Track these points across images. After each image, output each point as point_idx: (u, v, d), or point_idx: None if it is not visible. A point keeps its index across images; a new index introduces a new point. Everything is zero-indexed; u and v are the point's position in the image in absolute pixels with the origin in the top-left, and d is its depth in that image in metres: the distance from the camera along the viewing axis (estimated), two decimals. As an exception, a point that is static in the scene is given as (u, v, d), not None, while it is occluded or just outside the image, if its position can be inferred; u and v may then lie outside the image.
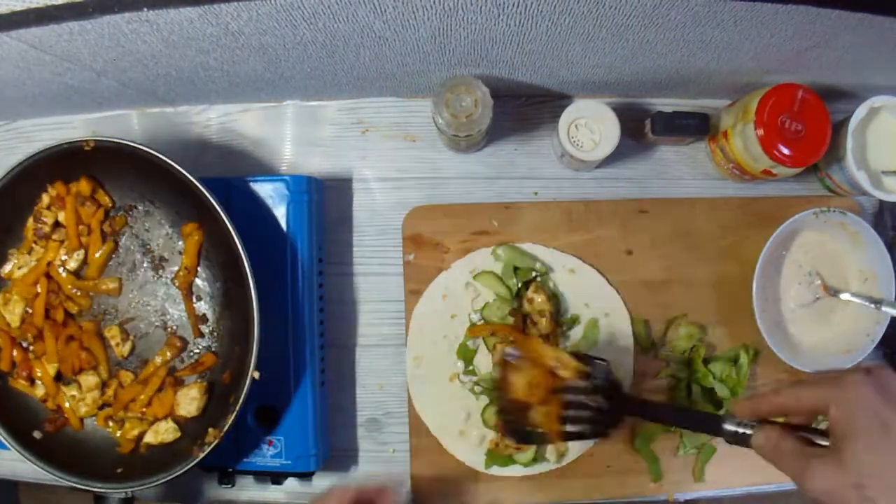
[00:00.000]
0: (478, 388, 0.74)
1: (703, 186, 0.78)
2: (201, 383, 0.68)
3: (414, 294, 0.75)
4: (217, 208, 0.62)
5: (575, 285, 0.75)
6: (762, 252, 0.69)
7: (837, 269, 0.75)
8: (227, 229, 0.62)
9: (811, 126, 0.67)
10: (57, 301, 0.69)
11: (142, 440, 0.67)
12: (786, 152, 0.66)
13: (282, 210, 0.70)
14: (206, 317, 0.69)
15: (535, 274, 0.74)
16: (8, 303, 0.68)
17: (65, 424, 0.69)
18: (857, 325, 0.73)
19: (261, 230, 0.69)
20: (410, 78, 0.71)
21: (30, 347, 0.68)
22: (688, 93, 0.77)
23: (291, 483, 0.74)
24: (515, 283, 0.73)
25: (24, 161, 0.65)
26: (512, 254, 0.74)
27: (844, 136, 0.70)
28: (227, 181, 0.70)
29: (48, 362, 0.68)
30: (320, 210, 0.75)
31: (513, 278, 0.73)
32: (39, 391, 0.68)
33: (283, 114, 0.79)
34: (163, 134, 0.79)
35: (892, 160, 0.72)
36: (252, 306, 0.62)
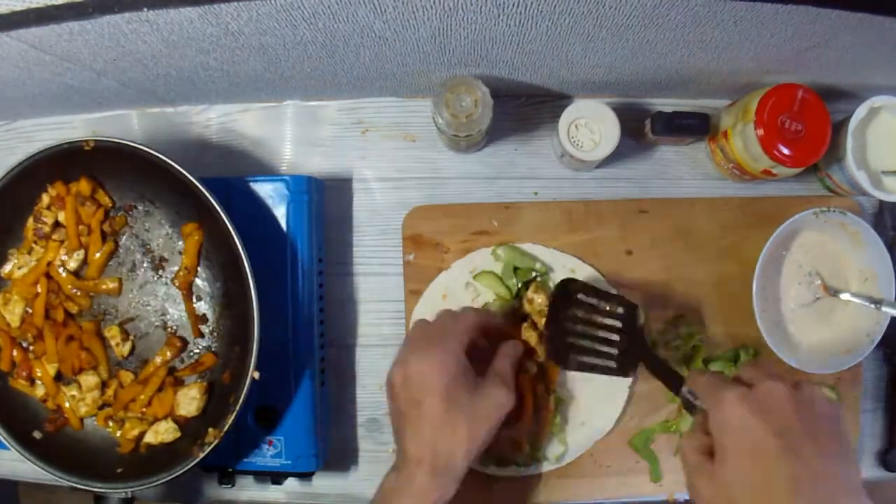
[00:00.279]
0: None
1: (703, 186, 0.78)
2: (201, 383, 0.68)
3: (414, 294, 0.75)
4: (217, 208, 0.62)
5: (575, 285, 0.75)
6: (762, 252, 0.69)
7: (837, 269, 0.75)
8: (227, 229, 0.62)
9: (811, 126, 0.67)
10: (57, 301, 0.69)
11: (142, 440, 0.67)
12: (786, 152, 0.66)
13: (282, 210, 0.70)
14: (206, 317, 0.69)
15: (535, 274, 0.74)
16: (8, 303, 0.68)
17: (65, 424, 0.69)
18: (857, 325, 0.73)
19: (261, 230, 0.69)
20: (410, 78, 0.71)
21: (30, 347, 0.68)
22: (688, 93, 0.77)
23: (291, 483, 0.74)
24: (515, 283, 0.73)
25: (24, 161, 0.65)
26: (512, 254, 0.74)
27: (844, 136, 0.70)
28: (227, 181, 0.70)
29: (48, 362, 0.68)
30: (320, 210, 0.75)
31: (513, 278, 0.73)
32: (39, 391, 0.68)
33: (283, 114, 0.79)
34: (163, 134, 0.79)
35: (892, 160, 0.72)
36: (252, 306, 0.62)
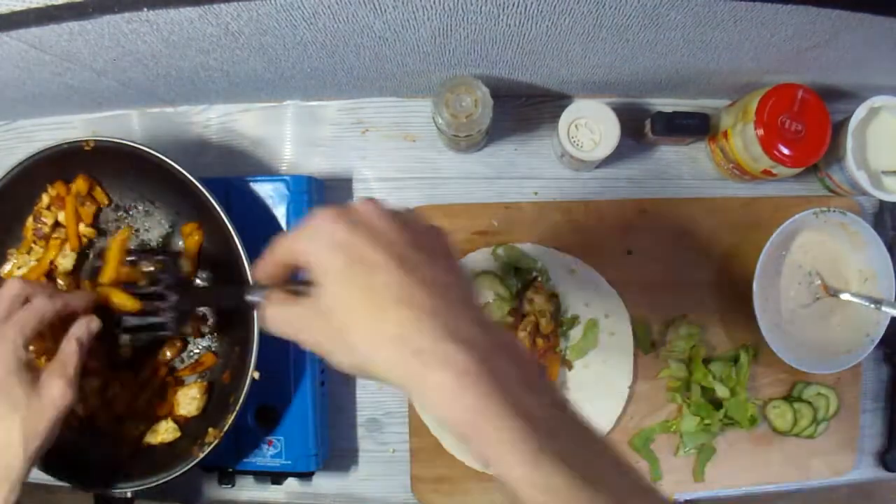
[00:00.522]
0: None
1: (703, 186, 0.78)
2: (201, 383, 0.68)
3: (414, 294, 0.75)
4: (217, 208, 0.62)
5: (575, 285, 0.74)
6: (762, 252, 0.69)
7: (837, 269, 0.75)
8: (227, 229, 0.62)
9: (811, 126, 0.67)
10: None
11: (142, 440, 0.67)
12: (786, 152, 0.66)
13: (282, 210, 0.70)
14: (206, 317, 0.69)
15: (535, 274, 0.74)
16: (8, 303, 0.68)
17: (65, 425, 0.68)
18: (857, 325, 0.73)
19: (261, 230, 0.69)
20: (410, 78, 0.71)
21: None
22: (688, 93, 0.77)
23: (291, 483, 0.74)
24: (515, 284, 0.73)
25: (24, 161, 0.64)
26: (512, 254, 0.74)
27: (844, 136, 0.70)
28: (227, 181, 0.70)
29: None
30: (320, 210, 0.75)
31: (513, 278, 0.73)
32: (39, 391, 0.68)
33: (283, 114, 0.78)
34: (163, 134, 0.79)
35: (892, 160, 0.72)
36: (252, 306, 0.62)
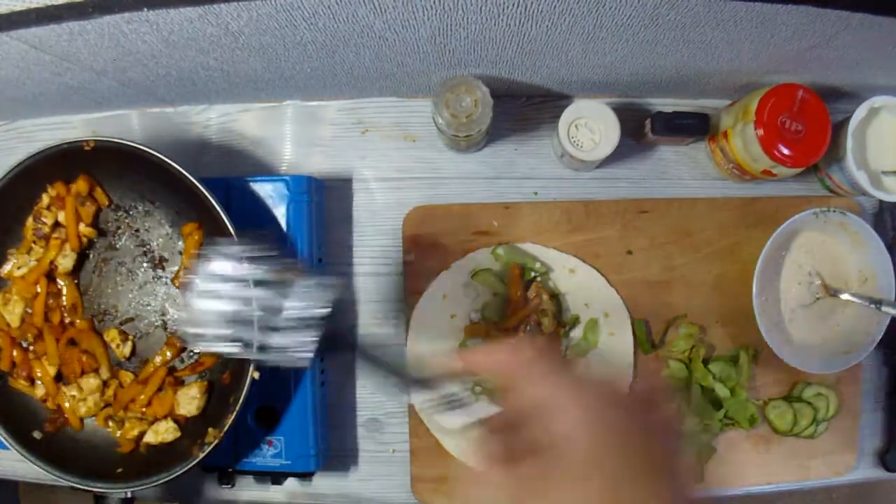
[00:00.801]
0: (478, 388, 0.73)
1: (703, 186, 0.78)
2: (201, 383, 0.68)
3: (414, 294, 0.75)
4: (217, 208, 0.62)
5: (575, 285, 0.75)
6: (762, 252, 0.69)
7: (837, 269, 0.75)
8: (227, 229, 0.62)
9: (811, 126, 0.67)
10: (55, 304, 0.69)
11: (142, 440, 0.67)
12: (786, 152, 0.66)
13: (282, 210, 0.70)
14: (206, 317, 0.69)
15: (535, 274, 0.74)
16: (8, 303, 0.68)
17: (65, 424, 0.69)
18: (857, 325, 0.73)
19: (261, 230, 0.69)
20: (410, 78, 0.71)
21: (30, 347, 0.68)
22: (688, 93, 0.77)
23: (291, 483, 0.74)
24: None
25: (24, 161, 0.65)
26: (512, 254, 0.74)
27: (844, 136, 0.70)
28: (227, 181, 0.70)
29: (48, 363, 0.68)
30: (320, 210, 0.75)
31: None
32: (39, 391, 0.68)
33: (283, 114, 0.78)
34: (163, 134, 0.79)
35: (892, 160, 0.72)
36: (252, 306, 0.62)
